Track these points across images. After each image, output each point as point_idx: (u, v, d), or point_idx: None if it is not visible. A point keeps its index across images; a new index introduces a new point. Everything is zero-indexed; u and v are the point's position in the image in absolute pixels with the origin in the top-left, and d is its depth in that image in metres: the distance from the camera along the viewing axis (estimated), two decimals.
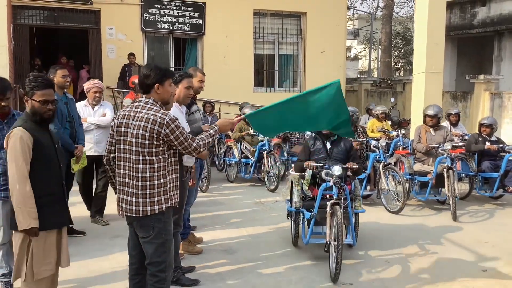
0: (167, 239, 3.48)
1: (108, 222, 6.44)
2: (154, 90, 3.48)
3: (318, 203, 5.14)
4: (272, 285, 4.67)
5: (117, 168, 3.51)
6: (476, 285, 4.71)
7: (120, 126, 3.46)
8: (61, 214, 3.48)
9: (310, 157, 5.63)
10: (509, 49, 16.72)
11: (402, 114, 14.55)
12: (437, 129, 7.84)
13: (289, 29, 14.51)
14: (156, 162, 3.38)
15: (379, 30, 25.56)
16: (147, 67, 3.55)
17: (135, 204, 3.40)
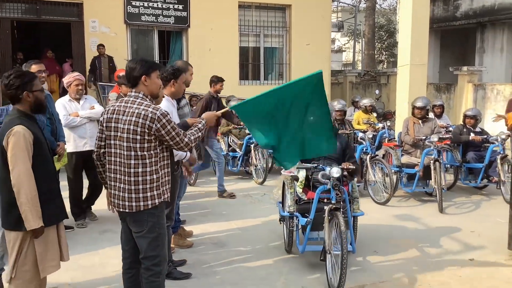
0: (161, 233, 3.47)
1: (97, 218, 6.37)
2: (142, 83, 3.44)
3: (315, 208, 4.68)
4: (263, 277, 4.70)
5: (107, 163, 3.48)
6: (464, 273, 4.79)
7: (110, 121, 3.42)
8: (58, 209, 3.47)
9: None
10: (491, 41, 16.92)
11: (387, 106, 14.65)
12: (425, 121, 7.87)
13: (274, 21, 14.49)
14: (148, 158, 3.36)
15: (362, 22, 25.67)
16: (133, 61, 3.52)
17: (128, 200, 3.38)
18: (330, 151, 4.80)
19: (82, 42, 12.32)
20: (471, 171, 8.18)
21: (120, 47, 12.60)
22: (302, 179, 5.04)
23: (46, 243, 3.36)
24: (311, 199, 4.84)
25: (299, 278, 4.66)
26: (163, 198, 3.46)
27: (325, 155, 4.90)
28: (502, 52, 16.60)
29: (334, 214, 4.36)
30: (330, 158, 5.11)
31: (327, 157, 5.09)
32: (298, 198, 5.07)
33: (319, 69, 4.24)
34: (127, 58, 12.75)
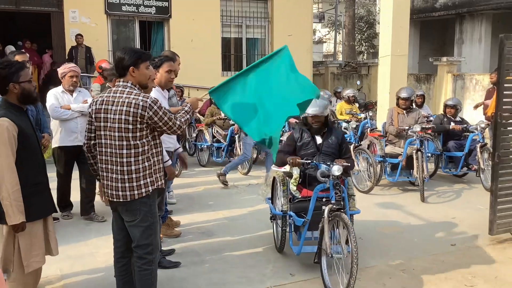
0: (153, 222, 3.50)
1: (105, 219, 5.92)
2: (129, 73, 3.44)
3: (312, 208, 4.43)
4: (252, 264, 4.77)
5: (98, 155, 3.48)
6: (446, 258, 4.92)
7: (99, 112, 3.41)
8: (46, 203, 3.42)
9: (297, 152, 4.89)
10: (470, 32, 17.19)
11: (368, 97, 14.81)
12: (409, 112, 7.91)
13: (256, 12, 14.49)
14: (140, 146, 3.37)
15: (343, 13, 25.78)
16: (122, 50, 3.50)
17: (122, 189, 3.39)
18: (313, 95, 4.38)
19: (62, 33, 12.17)
20: (451, 159, 8.35)
21: (100, 38, 12.49)
22: (297, 176, 4.75)
23: (31, 238, 3.31)
24: (306, 197, 4.64)
25: (287, 266, 4.73)
26: (156, 185, 3.49)
27: (311, 97, 4.36)
28: (481, 42, 16.89)
29: (336, 215, 4.10)
30: (325, 153, 4.81)
31: (323, 153, 4.81)
32: (291, 196, 4.79)
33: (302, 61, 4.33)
34: (108, 49, 12.65)
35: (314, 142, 4.89)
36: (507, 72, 5.17)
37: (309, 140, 4.90)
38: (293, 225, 4.73)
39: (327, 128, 4.97)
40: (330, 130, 4.98)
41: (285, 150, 4.93)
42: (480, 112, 10.72)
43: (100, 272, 4.55)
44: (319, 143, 4.90)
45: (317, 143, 4.90)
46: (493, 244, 5.32)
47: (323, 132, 4.94)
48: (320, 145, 4.89)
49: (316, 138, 4.92)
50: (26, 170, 3.24)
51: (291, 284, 4.36)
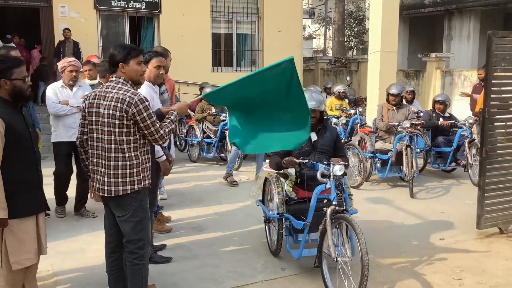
0: (144, 217, 3.51)
1: (96, 215, 5.91)
2: (119, 69, 3.45)
3: (313, 210, 4.24)
4: (242, 259, 4.80)
5: (90, 149, 3.49)
6: (435, 253, 4.98)
7: (92, 106, 3.42)
8: (35, 200, 3.35)
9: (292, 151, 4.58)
10: (458, 28, 17.32)
11: (358, 93, 14.87)
12: (399, 108, 7.93)
13: (247, 8, 14.48)
14: (126, 143, 3.37)
15: (332, 9, 25.81)
16: (114, 47, 3.52)
17: (108, 184, 3.40)
18: (302, 143, 4.45)
19: (51, 28, 12.09)
20: (440, 155, 8.44)
21: (90, 33, 12.43)
22: (293, 177, 4.60)
23: (21, 235, 3.25)
24: (303, 198, 4.48)
25: (278, 260, 4.76)
26: (143, 184, 3.49)
27: (297, 148, 4.44)
28: (469, 39, 17.02)
29: (340, 217, 3.91)
30: (321, 151, 4.63)
31: (318, 151, 4.62)
32: (287, 198, 4.60)
33: (290, 56, 4.23)
34: (98, 44, 12.59)
35: (309, 140, 4.58)
36: (495, 68, 5.23)
37: None
38: (291, 228, 4.54)
39: (322, 124, 4.77)
40: (325, 127, 4.77)
41: (280, 152, 4.59)
42: (468, 108, 10.83)
43: (91, 268, 4.55)
44: (314, 140, 4.67)
45: (312, 141, 4.65)
46: (480, 238, 5.39)
47: (318, 129, 4.74)
48: (316, 142, 4.67)
49: (311, 137, 4.60)
50: (16, 167, 3.18)
51: (281, 278, 4.39)
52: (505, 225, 5.54)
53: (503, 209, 5.47)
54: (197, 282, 4.30)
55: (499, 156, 5.39)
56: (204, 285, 4.25)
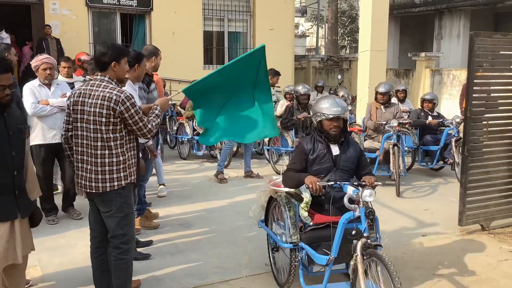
0: (129, 213, 3.58)
1: (82, 216, 5.72)
2: (111, 68, 3.52)
3: (339, 244, 3.54)
4: (228, 255, 4.88)
5: (75, 146, 3.56)
6: (417, 249, 5.10)
7: (77, 104, 3.49)
8: (6, 207, 3.12)
9: (309, 166, 3.91)
10: (449, 28, 17.46)
11: (349, 91, 14.96)
12: (388, 106, 7.97)
13: (238, 6, 14.52)
14: (113, 140, 3.44)
15: (325, 7, 25.89)
16: (104, 45, 3.58)
17: (95, 181, 3.47)
18: (271, 135, 4.80)
19: (42, 25, 12.05)
20: (428, 153, 8.53)
21: (81, 30, 12.41)
22: (308, 200, 3.81)
23: None
24: (319, 224, 3.80)
25: (262, 256, 4.83)
26: (129, 179, 3.56)
27: (263, 138, 4.59)
28: (459, 38, 17.16)
29: (372, 253, 3.32)
30: (343, 169, 3.89)
31: (340, 168, 3.88)
32: (302, 224, 3.89)
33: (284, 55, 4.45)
34: (89, 41, 12.60)
35: (330, 155, 3.90)
36: (477, 68, 5.33)
37: (324, 152, 3.90)
38: (306, 259, 3.86)
39: (345, 136, 4.00)
40: (348, 140, 4.02)
41: (296, 168, 3.90)
42: (456, 107, 10.95)
43: (79, 263, 4.62)
44: (336, 155, 3.92)
45: (333, 155, 3.91)
46: (462, 235, 5.50)
47: (340, 142, 3.98)
48: (337, 158, 3.91)
49: (332, 151, 3.93)
50: None
51: (265, 273, 4.47)
52: (486, 222, 5.65)
53: (484, 207, 5.57)
54: (183, 277, 4.37)
55: (481, 155, 5.50)
56: (189, 280, 4.32)
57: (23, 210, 3.22)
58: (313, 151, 3.92)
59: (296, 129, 8.17)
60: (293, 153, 4.07)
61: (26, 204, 3.26)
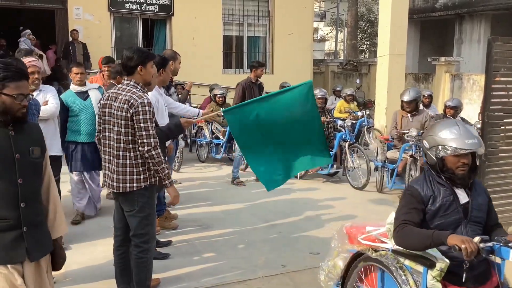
0: (150, 213, 3.71)
1: None
2: (137, 72, 3.64)
3: None
4: (245, 256, 4.97)
5: (102, 146, 3.72)
6: None
7: (105, 107, 3.65)
8: (12, 246, 2.56)
9: (429, 220, 2.90)
10: (469, 32, 17.33)
11: (367, 95, 14.98)
12: (415, 115, 7.33)
13: (258, 11, 14.66)
14: (132, 143, 3.55)
15: (345, 11, 25.90)
16: (130, 50, 3.70)
17: (116, 181, 3.61)
18: (322, 164, 4.58)
19: (66, 30, 12.35)
20: None
21: (103, 35, 12.68)
22: (445, 265, 2.76)
23: None
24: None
25: (279, 257, 4.93)
26: (149, 181, 3.67)
27: (319, 166, 4.28)
28: (479, 43, 17.03)
29: None
30: (475, 221, 2.93)
31: (472, 220, 2.92)
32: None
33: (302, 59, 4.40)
34: (111, 46, 12.85)
35: (457, 203, 2.92)
36: (495, 73, 5.34)
37: (450, 199, 2.91)
38: None
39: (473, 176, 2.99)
40: (474, 181, 3.03)
41: (414, 221, 2.89)
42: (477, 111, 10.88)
43: (100, 261, 4.75)
44: (465, 202, 2.94)
45: (461, 203, 2.93)
46: None
47: (470, 185, 2.99)
48: (467, 206, 2.93)
49: (459, 196, 2.95)
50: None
51: (281, 274, 4.55)
52: (504, 226, 5.62)
53: (502, 211, 5.55)
54: (200, 277, 4.47)
55: (498, 160, 5.50)
56: (206, 279, 4.42)
57: (34, 250, 2.60)
58: (433, 199, 2.90)
59: None
60: (403, 200, 3.00)
61: (40, 244, 2.64)
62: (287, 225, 5.94)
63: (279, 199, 7.01)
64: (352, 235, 3.40)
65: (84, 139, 5.72)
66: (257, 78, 7.97)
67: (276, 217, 6.20)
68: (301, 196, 7.22)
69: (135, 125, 3.50)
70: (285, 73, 13.38)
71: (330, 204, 6.83)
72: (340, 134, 8.15)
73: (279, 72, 14.16)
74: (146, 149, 3.50)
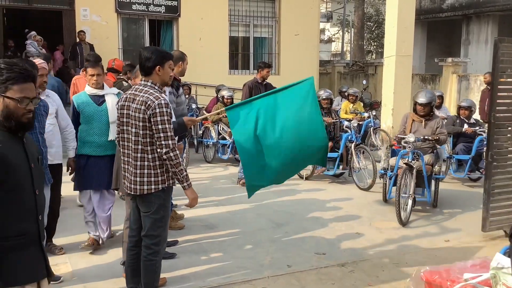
0: (164, 215, 3.73)
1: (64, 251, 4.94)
2: (155, 72, 3.65)
3: None
4: (251, 256, 4.98)
5: (121, 148, 3.74)
6: (439, 254, 5.11)
7: (123, 108, 3.66)
8: (34, 262, 2.47)
9: None
10: (476, 33, 17.27)
11: (374, 96, 14.95)
12: (429, 119, 6.69)
13: (264, 12, 14.67)
14: (150, 144, 3.55)
15: (352, 12, 25.87)
16: (148, 50, 3.70)
17: (134, 183, 3.63)
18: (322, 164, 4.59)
19: (73, 31, 12.43)
20: (461, 162, 8.08)
21: (111, 36, 12.74)
22: None
23: None
24: None
25: (285, 257, 4.94)
26: (167, 183, 3.68)
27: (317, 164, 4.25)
28: (487, 44, 16.96)
29: None
30: None
31: None
32: None
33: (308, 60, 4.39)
34: (118, 47, 12.91)
35: None
36: (501, 74, 5.33)
37: None
38: None
39: None
40: None
41: None
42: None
43: (107, 260, 4.79)
44: None
45: None
46: (485, 241, 5.49)
47: None
48: None
49: None
50: (6, 216, 2.35)
51: (287, 274, 4.57)
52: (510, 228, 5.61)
53: (508, 213, 5.55)
54: (206, 276, 4.50)
55: (505, 160, 5.48)
56: (212, 279, 4.44)
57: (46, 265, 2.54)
58: None
59: None
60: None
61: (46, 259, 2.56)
62: (293, 225, 5.95)
63: (285, 200, 7.03)
64: (436, 283, 2.65)
65: (96, 152, 4.89)
66: (264, 79, 7.99)
67: (282, 218, 6.22)
68: (307, 197, 7.23)
69: (153, 126, 3.49)
70: (291, 74, 13.36)
71: (336, 204, 6.83)
72: (346, 135, 8.15)
73: (285, 73, 14.18)
74: (164, 151, 3.50)
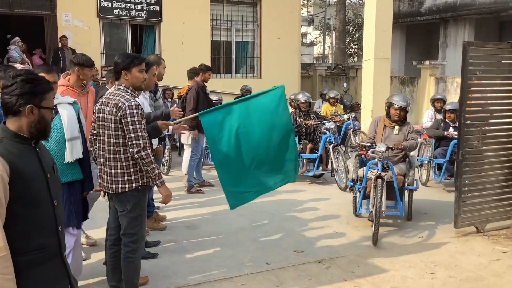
0: (141, 214, 3.86)
1: None
2: (122, 77, 3.81)
3: None
4: (231, 254, 5.13)
5: (97, 149, 3.88)
6: (412, 249, 5.30)
7: (99, 111, 3.82)
8: (55, 275, 2.40)
9: None
10: (454, 36, 17.65)
11: (355, 99, 15.19)
12: (401, 125, 6.23)
13: (245, 16, 14.85)
14: (122, 145, 3.70)
15: (333, 16, 26.20)
16: (118, 55, 3.88)
17: (110, 182, 3.77)
18: (291, 180, 4.60)
19: (55, 36, 12.46)
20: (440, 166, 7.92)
21: (93, 41, 12.80)
22: None
23: None
24: None
25: (264, 256, 5.10)
26: (141, 182, 3.80)
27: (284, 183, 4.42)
28: None
29: None
30: None
31: None
32: None
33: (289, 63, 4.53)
34: (101, 51, 12.97)
35: None
36: (470, 77, 5.56)
37: None
38: None
39: None
40: None
41: None
42: None
43: (91, 259, 4.89)
44: None
45: None
46: (457, 237, 5.70)
47: None
48: None
49: None
50: (22, 229, 2.27)
51: (266, 272, 4.72)
52: (481, 224, 5.84)
53: (479, 209, 5.78)
54: (187, 275, 4.63)
55: (475, 159, 5.71)
56: (193, 277, 4.57)
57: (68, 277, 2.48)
58: None
59: (300, 136, 8.39)
60: None
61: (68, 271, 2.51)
62: (273, 225, 6.11)
63: (266, 200, 7.14)
64: None
65: None
66: (204, 82, 7.90)
67: (263, 218, 6.38)
68: (287, 197, 7.39)
69: (124, 127, 3.64)
70: (273, 78, 13.57)
71: (315, 205, 7.01)
72: (325, 136, 8.34)
73: (267, 77, 14.36)
74: (135, 150, 3.63)
